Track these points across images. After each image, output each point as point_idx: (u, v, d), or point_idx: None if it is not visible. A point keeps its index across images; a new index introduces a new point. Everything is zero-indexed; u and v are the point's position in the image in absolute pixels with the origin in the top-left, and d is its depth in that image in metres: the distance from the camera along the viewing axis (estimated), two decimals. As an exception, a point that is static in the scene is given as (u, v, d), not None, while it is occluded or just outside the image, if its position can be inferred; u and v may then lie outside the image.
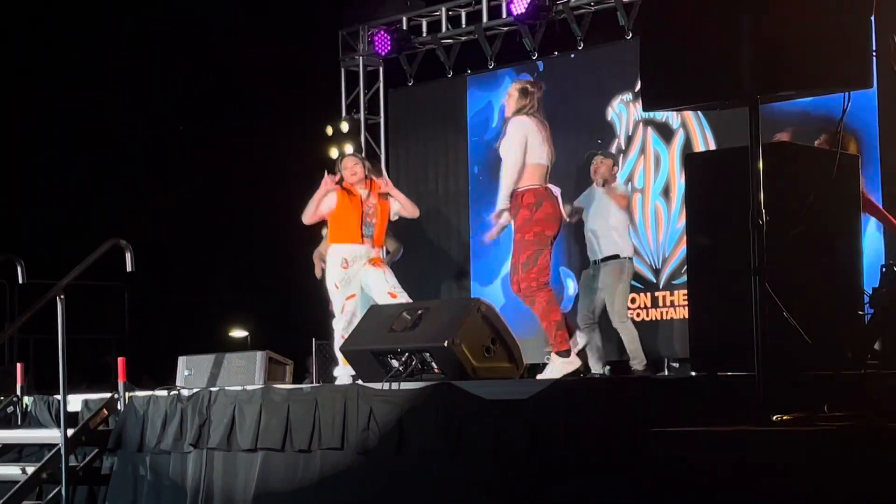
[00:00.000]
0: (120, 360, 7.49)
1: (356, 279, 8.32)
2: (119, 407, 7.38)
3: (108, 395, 7.48)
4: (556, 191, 7.56)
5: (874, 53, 5.17)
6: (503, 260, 11.46)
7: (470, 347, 6.39)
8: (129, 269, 7.28)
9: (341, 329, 8.27)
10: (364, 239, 8.34)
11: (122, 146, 13.17)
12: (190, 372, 7.80)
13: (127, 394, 7.36)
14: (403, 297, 8.22)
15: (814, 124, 8.42)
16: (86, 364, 11.05)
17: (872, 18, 5.20)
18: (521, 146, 7.44)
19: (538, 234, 7.34)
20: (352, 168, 8.54)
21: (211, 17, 12.52)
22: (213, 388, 7.04)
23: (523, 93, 7.63)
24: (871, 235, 8.78)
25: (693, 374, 5.84)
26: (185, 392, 7.12)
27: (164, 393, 7.22)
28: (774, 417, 4.79)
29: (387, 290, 8.24)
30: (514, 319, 8.67)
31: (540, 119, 7.59)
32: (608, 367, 10.33)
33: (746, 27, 4.90)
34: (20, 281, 7.72)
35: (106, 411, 7.41)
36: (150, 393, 7.30)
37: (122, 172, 13.25)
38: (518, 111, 7.57)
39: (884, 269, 5.78)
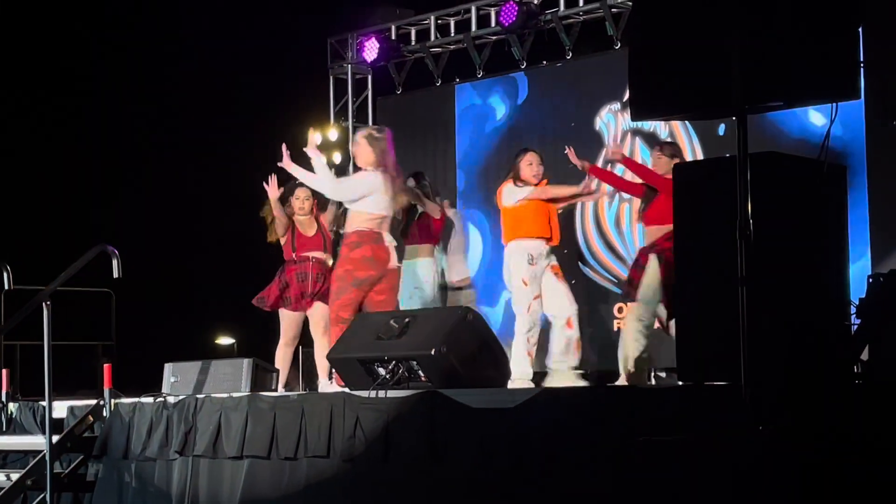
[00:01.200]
0: (106, 366, 7.46)
1: (540, 279, 8.22)
2: (104, 413, 7.36)
3: (94, 401, 7.46)
4: (389, 240, 7.85)
5: (861, 64, 5.19)
6: (497, 271, 11.48)
7: (457, 356, 6.38)
8: (115, 275, 7.27)
9: (525, 331, 8.20)
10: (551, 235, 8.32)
11: (109, 152, 13.14)
12: (176, 379, 7.78)
13: (112, 400, 7.34)
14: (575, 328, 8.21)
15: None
16: (72, 370, 11.02)
17: (860, 30, 5.22)
18: (358, 196, 7.77)
19: (348, 271, 7.74)
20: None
21: (199, 25, 12.50)
22: (199, 396, 7.02)
23: (370, 140, 7.90)
24: (859, 245, 8.81)
25: (679, 383, 5.84)
26: (170, 399, 7.10)
27: (149, 400, 7.20)
28: (761, 427, 4.80)
29: (567, 314, 8.19)
30: (502, 330, 8.67)
31: (391, 170, 7.89)
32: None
33: (735, 38, 4.91)
34: (6, 287, 7.70)
35: (91, 418, 7.39)
36: (135, 400, 7.28)
37: (109, 178, 13.22)
38: (369, 164, 7.85)
39: (870, 280, 5.79)
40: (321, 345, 8.41)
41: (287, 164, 8.03)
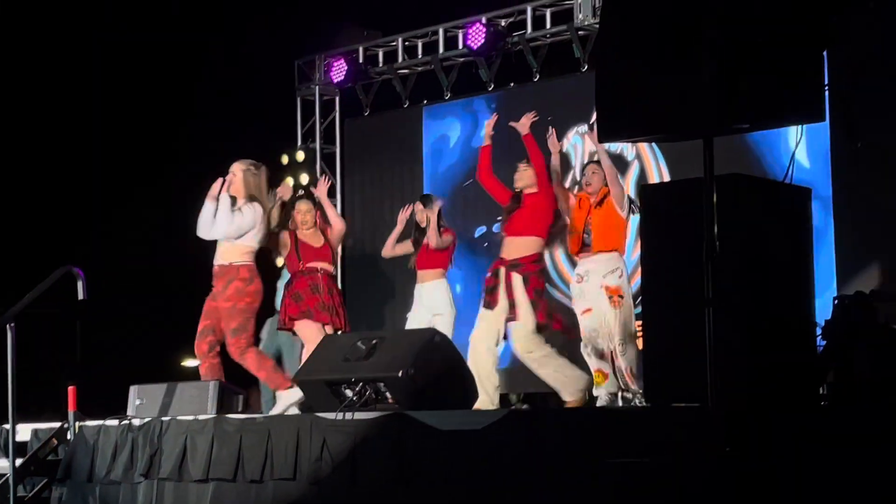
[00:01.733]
0: (70, 389, 7.41)
1: (591, 294, 8.11)
2: (69, 436, 7.30)
3: (58, 424, 7.39)
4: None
5: (826, 88, 5.23)
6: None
7: (424, 377, 6.37)
8: (80, 297, 7.23)
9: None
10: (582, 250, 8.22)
11: (75, 173, 13.07)
12: (141, 401, 7.72)
13: (77, 423, 7.28)
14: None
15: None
16: (36, 393, 10.93)
17: (825, 54, 5.26)
18: (245, 231, 7.92)
19: (249, 304, 7.92)
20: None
21: (167, 45, 12.47)
22: (164, 418, 6.98)
23: (248, 175, 8.03)
24: (825, 267, 8.85)
25: (647, 404, 5.84)
26: (135, 422, 7.05)
27: (114, 422, 7.15)
28: (728, 448, 4.80)
29: (615, 340, 8.08)
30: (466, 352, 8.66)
31: (265, 202, 8.05)
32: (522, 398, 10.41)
33: (701, 60, 4.94)
34: (-30, 308, 7.63)
35: (55, 441, 7.33)
36: (100, 422, 7.23)
37: (75, 199, 13.14)
38: (242, 195, 7.98)
39: (836, 301, 5.82)
40: None
41: (212, 194, 8.00)
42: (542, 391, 10.38)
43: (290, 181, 8.31)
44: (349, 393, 6.48)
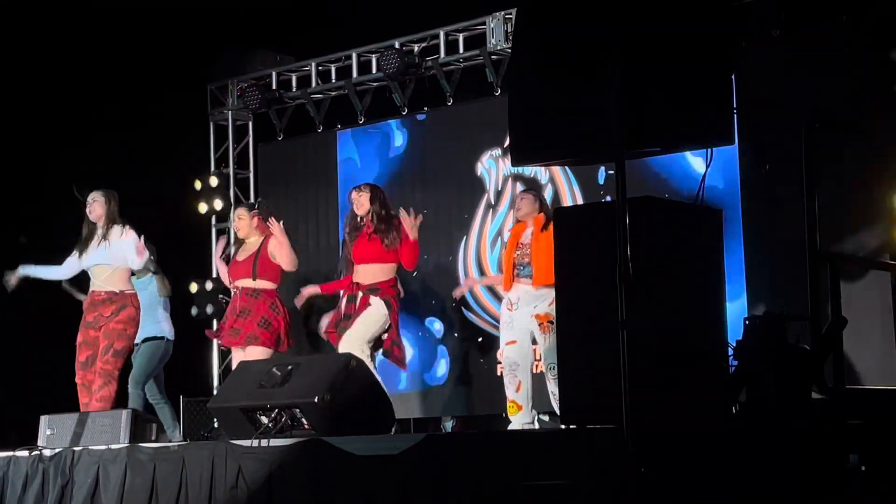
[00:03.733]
0: (-21, 419, 7.30)
1: (520, 325, 8.14)
2: (-23, 468, 7.17)
3: (-33, 456, 7.26)
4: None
5: (735, 111, 5.31)
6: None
7: (341, 403, 6.34)
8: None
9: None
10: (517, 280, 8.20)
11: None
12: (52, 431, 7.60)
13: (-14, 455, 7.16)
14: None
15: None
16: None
17: (734, 77, 5.35)
18: (126, 261, 8.19)
19: (135, 333, 8.25)
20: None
21: (76, 70, 12.33)
22: (76, 448, 6.88)
23: (111, 203, 8.36)
24: (736, 288, 8.97)
25: (563, 427, 5.87)
26: (46, 452, 6.94)
27: (24, 453, 7.03)
28: (643, 469, 4.84)
29: (545, 365, 8.11)
30: (384, 375, 8.65)
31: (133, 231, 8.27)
32: (453, 422, 10.41)
33: (612, 84, 4.99)
34: None
35: (-36, 473, 7.19)
36: (10, 453, 7.11)
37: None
38: (102, 221, 8.32)
39: (747, 322, 5.90)
40: None
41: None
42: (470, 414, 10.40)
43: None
44: (265, 419, 6.43)
